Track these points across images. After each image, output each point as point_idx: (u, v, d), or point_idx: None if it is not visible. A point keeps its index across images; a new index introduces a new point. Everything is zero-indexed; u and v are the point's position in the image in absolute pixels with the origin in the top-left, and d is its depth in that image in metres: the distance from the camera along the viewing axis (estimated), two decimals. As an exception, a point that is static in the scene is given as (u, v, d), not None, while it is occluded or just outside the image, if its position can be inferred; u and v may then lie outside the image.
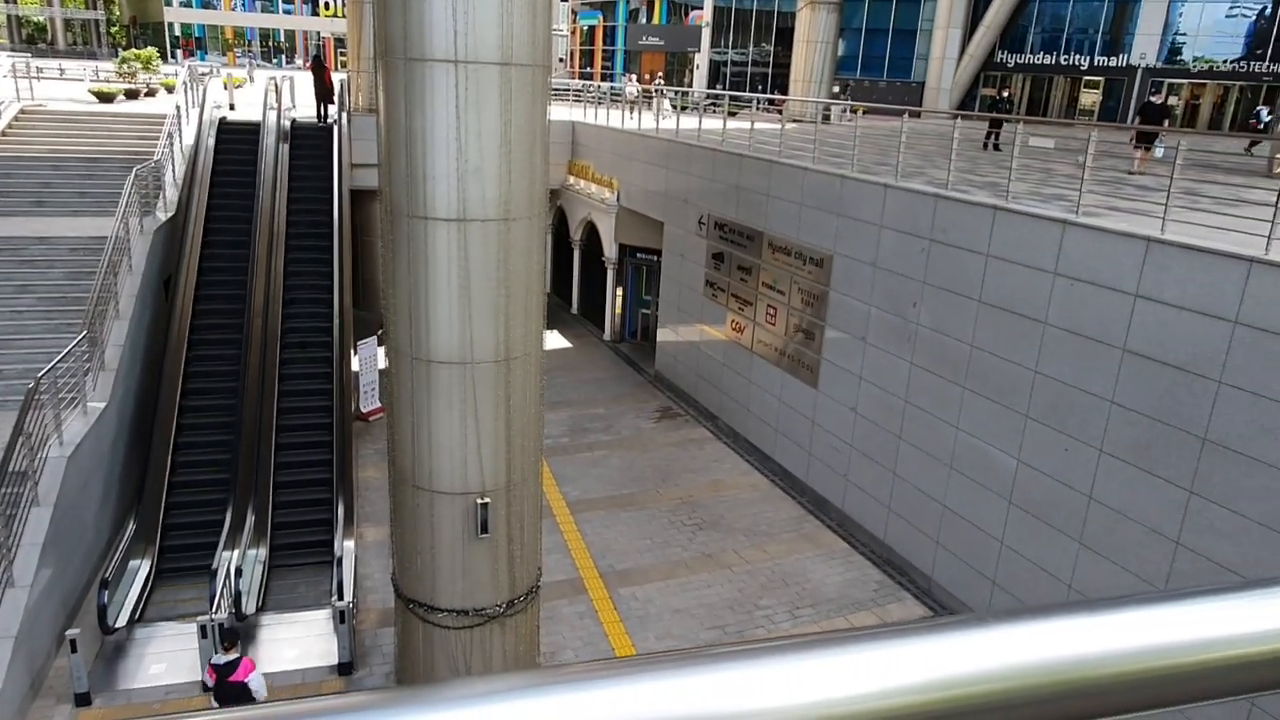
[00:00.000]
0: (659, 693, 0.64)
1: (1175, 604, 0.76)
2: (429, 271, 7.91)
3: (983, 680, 0.69)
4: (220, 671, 8.64)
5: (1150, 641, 0.73)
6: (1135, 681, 0.72)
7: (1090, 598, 0.77)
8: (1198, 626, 0.74)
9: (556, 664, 0.70)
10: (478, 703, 0.62)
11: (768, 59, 47.01)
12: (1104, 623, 0.73)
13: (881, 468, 13.10)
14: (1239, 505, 8.29)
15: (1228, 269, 8.27)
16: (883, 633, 0.71)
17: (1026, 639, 0.72)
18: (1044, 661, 0.71)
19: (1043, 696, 0.70)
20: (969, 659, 0.70)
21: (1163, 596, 0.76)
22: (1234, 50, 32.70)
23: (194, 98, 21.00)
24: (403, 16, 7.37)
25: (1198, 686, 0.75)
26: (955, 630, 0.73)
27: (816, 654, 0.69)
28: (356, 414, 16.92)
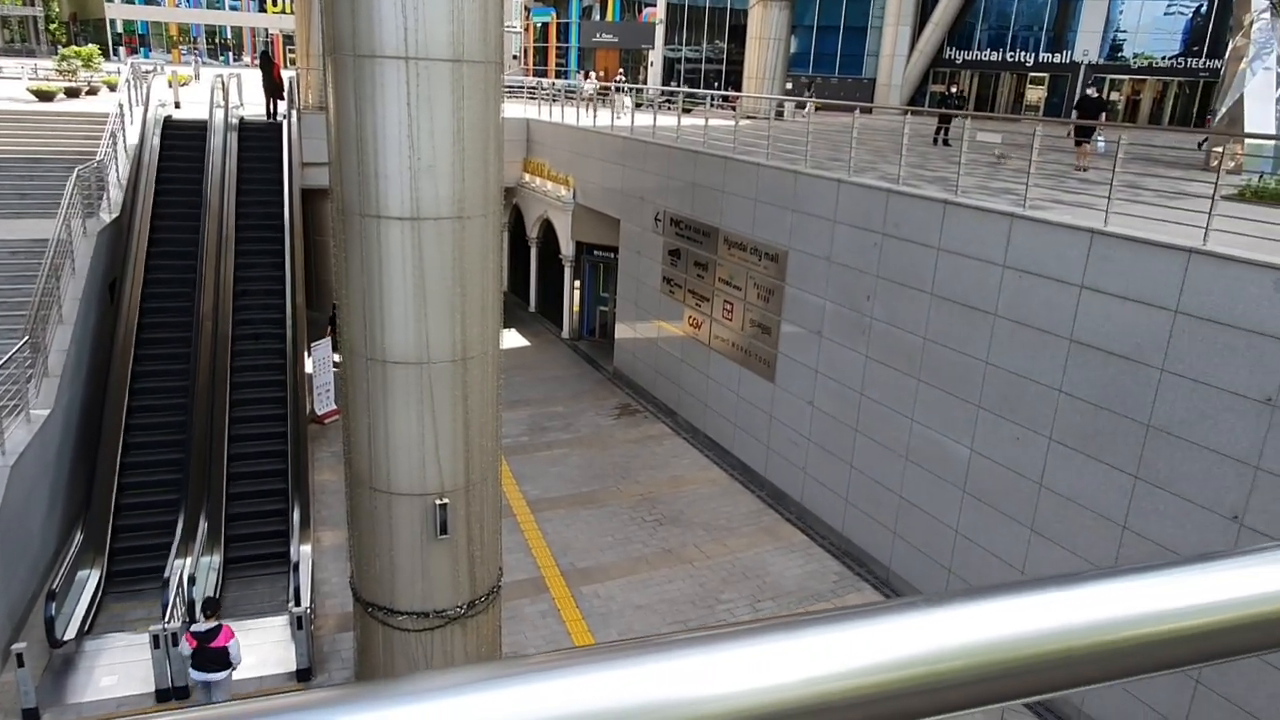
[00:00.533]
0: (617, 681, 0.65)
1: (1110, 581, 0.78)
2: (383, 271, 7.82)
3: (931, 660, 0.71)
4: (201, 638, 9.32)
5: (1091, 618, 0.76)
6: (1077, 657, 0.75)
7: (1032, 577, 0.80)
8: (1135, 602, 0.77)
9: (516, 655, 0.69)
10: (439, 697, 0.62)
11: (721, 56, 47.22)
12: (1044, 600, 0.76)
13: (839, 460, 13.26)
14: (1181, 489, 8.55)
15: (1168, 260, 8.52)
16: (834, 616, 0.73)
17: (970, 619, 0.74)
18: (985, 641, 0.73)
19: (987, 675, 0.72)
20: (917, 640, 0.72)
21: (1099, 574, 0.79)
22: (1172, 47, 33.63)
23: (138, 96, 20.49)
24: (351, 13, 7.27)
25: (1137, 660, 0.77)
26: (902, 612, 0.75)
27: (772, 638, 0.71)
28: (312, 417, 16.67)
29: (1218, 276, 8.11)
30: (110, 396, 13.56)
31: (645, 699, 0.64)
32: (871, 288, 12.23)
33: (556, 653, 0.66)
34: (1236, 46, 15.48)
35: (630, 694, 0.64)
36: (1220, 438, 8.19)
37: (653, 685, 0.65)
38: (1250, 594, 0.76)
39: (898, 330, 11.85)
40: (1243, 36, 15.29)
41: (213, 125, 18.90)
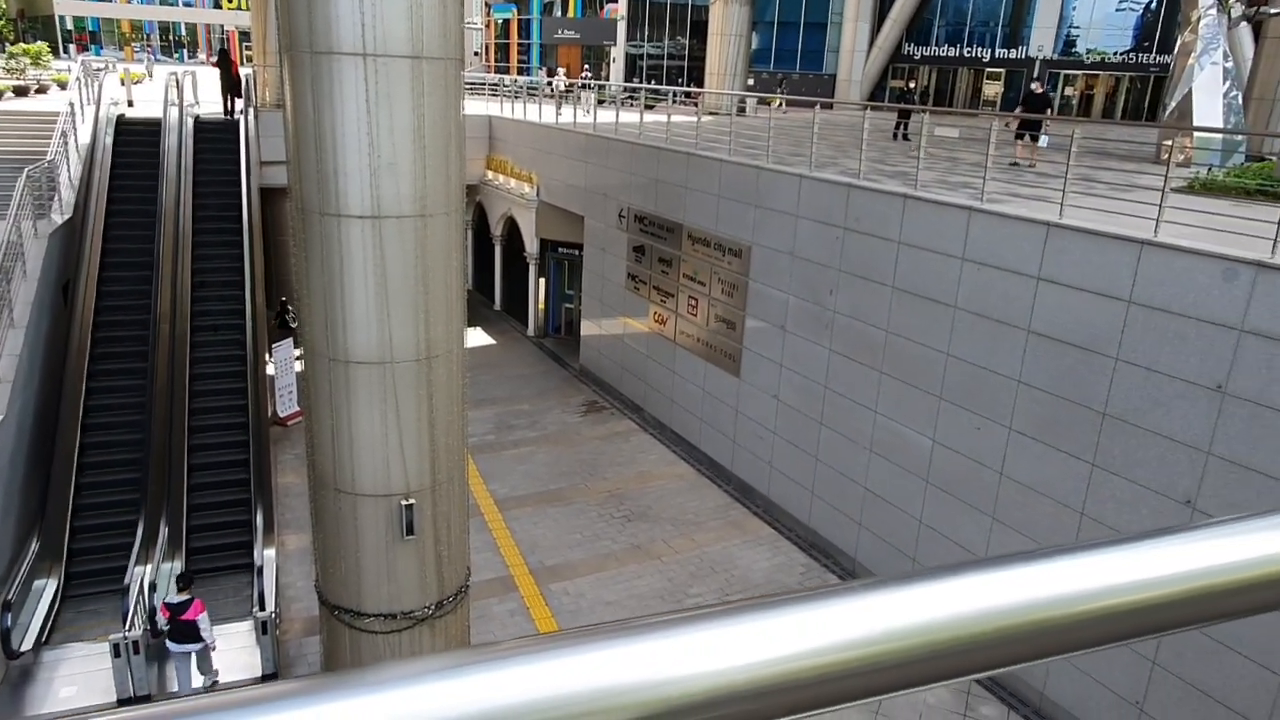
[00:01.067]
0: (579, 666, 0.66)
1: (1054, 559, 0.82)
2: (344, 270, 7.75)
3: (892, 637, 0.73)
4: (173, 610, 9.72)
5: (1039, 594, 0.79)
6: (1027, 633, 0.77)
7: (985, 557, 0.83)
8: (1082, 579, 0.80)
9: (482, 644, 0.69)
10: (407, 685, 0.63)
11: (683, 52, 47.31)
12: (991, 580, 0.79)
13: (804, 453, 13.38)
14: (1136, 475, 8.75)
15: (1121, 251, 8.70)
16: (797, 598, 0.74)
17: (926, 597, 0.76)
18: (941, 619, 0.75)
19: (944, 652, 0.74)
20: (878, 619, 0.74)
21: (1042, 553, 0.82)
22: (1124, 43, 34.30)
23: (89, 94, 20.05)
24: (308, 9, 7.18)
25: (1086, 634, 0.80)
26: (861, 593, 0.77)
27: (727, 621, 0.72)
28: (274, 419, 16.46)
29: (1168, 267, 8.30)
30: (65, 401, 13.27)
31: (611, 682, 0.65)
32: (834, 282, 12.34)
33: (523, 639, 0.67)
34: (1185, 42, 15.84)
35: (595, 678, 0.65)
36: (1173, 424, 8.39)
37: (619, 668, 0.66)
38: (1194, 568, 0.80)
39: (860, 324, 11.98)
40: (1190, 32, 15.65)
41: (167, 124, 18.55)
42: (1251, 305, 7.71)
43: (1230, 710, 8.09)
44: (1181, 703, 8.48)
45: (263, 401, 14.61)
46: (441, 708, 0.61)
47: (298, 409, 16.74)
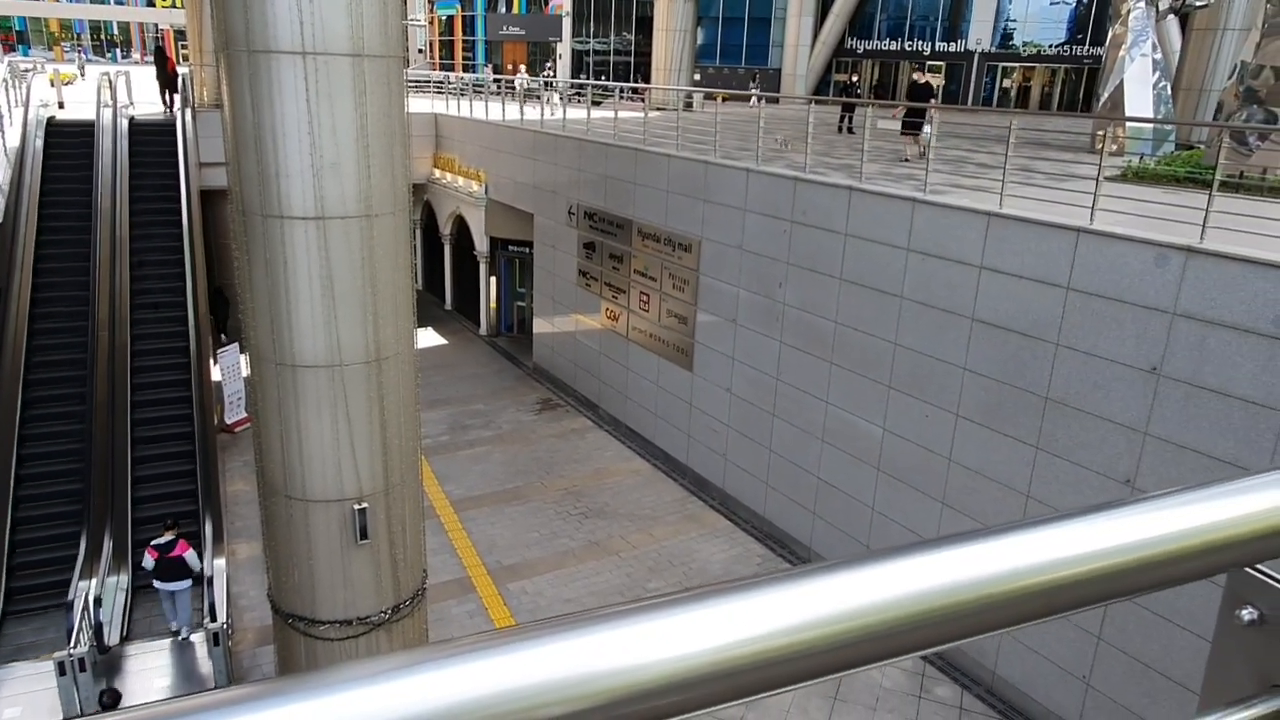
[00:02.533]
0: (540, 657, 0.67)
1: (989, 539, 0.85)
2: (289, 273, 7.62)
3: (838, 619, 0.75)
4: (161, 549, 10.55)
5: (977, 572, 0.82)
6: (968, 610, 0.80)
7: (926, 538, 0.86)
8: (1019, 555, 0.83)
9: (442, 640, 0.68)
10: (365, 685, 0.63)
11: (629, 48, 47.29)
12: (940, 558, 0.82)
13: (758, 445, 13.51)
14: (1079, 457, 9.00)
15: (1059, 239, 8.94)
16: (744, 585, 0.76)
17: (870, 579, 0.79)
18: (892, 598, 0.78)
19: (894, 630, 0.77)
20: (819, 603, 0.76)
21: (985, 532, 0.85)
22: (1059, 35, 35.16)
23: (16, 96, 19.37)
24: (244, 7, 7.04)
25: (1023, 610, 0.83)
26: (805, 577, 0.79)
27: (686, 608, 0.73)
28: (221, 426, 16.12)
29: (1103, 254, 8.55)
30: (1, 412, 12.84)
31: (571, 672, 0.66)
32: (783, 274, 12.47)
33: (483, 634, 0.68)
34: (1116, 34, 16.30)
35: (554, 668, 0.66)
36: (1112, 407, 8.65)
37: (579, 658, 0.67)
38: (1127, 542, 0.84)
39: (810, 315, 12.13)
40: (1121, 25, 16.10)
41: (101, 125, 18.03)
42: (1182, 289, 7.97)
43: (1169, 680, 8.38)
44: (1125, 675, 8.76)
45: (209, 408, 14.30)
46: (403, 705, 0.61)
47: (245, 415, 16.41)
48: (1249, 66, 12.28)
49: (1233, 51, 18.51)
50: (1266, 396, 7.50)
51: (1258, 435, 7.59)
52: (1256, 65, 12.14)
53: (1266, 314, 7.45)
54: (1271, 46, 11.93)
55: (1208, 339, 7.85)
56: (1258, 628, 0.93)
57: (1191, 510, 0.86)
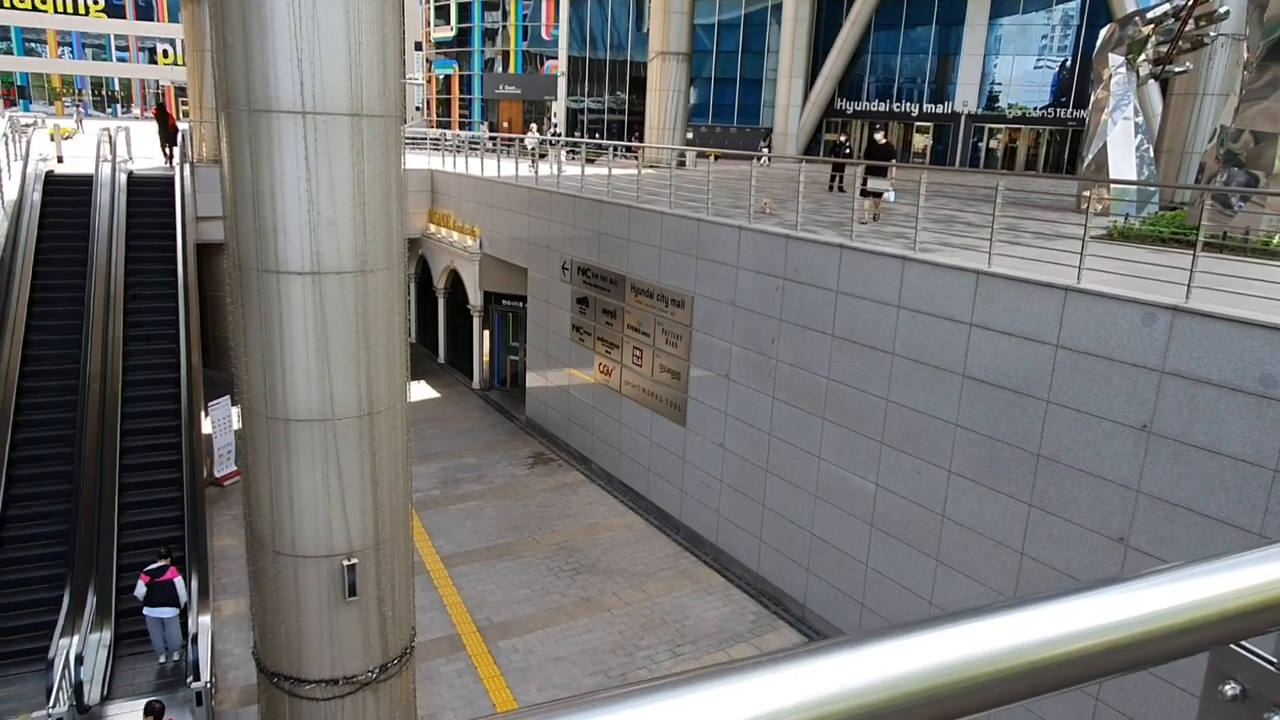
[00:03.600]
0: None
1: (1007, 613, 0.86)
2: (284, 327, 7.65)
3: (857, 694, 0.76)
4: (152, 574, 11.08)
5: (993, 646, 0.83)
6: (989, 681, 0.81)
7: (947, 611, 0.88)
8: (1028, 630, 0.85)
9: None
10: None
11: (623, 106, 48.19)
12: (960, 633, 0.83)
13: (751, 500, 13.45)
14: (1072, 514, 8.98)
15: (1047, 298, 9.04)
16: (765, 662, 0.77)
17: (894, 653, 0.80)
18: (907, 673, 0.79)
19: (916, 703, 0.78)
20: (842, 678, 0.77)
21: (999, 606, 0.86)
22: (1043, 98, 35.98)
23: (16, 150, 19.60)
24: (245, 68, 7.19)
25: (1035, 683, 0.84)
26: (827, 653, 0.80)
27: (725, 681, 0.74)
28: (210, 479, 15.99)
29: (1091, 312, 8.65)
30: (-14, 467, 12.74)
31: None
32: (776, 331, 12.55)
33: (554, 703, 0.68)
34: (1098, 99, 16.70)
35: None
36: (1104, 464, 8.66)
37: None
38: (1138, 615, 0.85)
39: (802, 371, 12.18)
40: (1103, 89, 16.51)
41: (99, 179, 18.21)
42: (1170, 348, 8.05)
43: (1171, 744, 8.25)
44: (1125, 739, 8.62)
45: (198, 461, 14.20)
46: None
47: (235, 469, 16.29)
48: (1229, 130, 12.57)
49: (1213, 115, 18.96)
50: (1256, 454, 7.53)
51: (1249, 493, 7.60)
52: (1236, 129, 12.43)
53: (1253, 373, 7.52)
54: (1250, 111, 12.23)
55: (1196, 397, 7.91)
56: (1240, 702, 0.94)
57: (1172, 590, 0.88)
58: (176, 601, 11.16)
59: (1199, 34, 16.35)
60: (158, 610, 11.11)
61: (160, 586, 11.08)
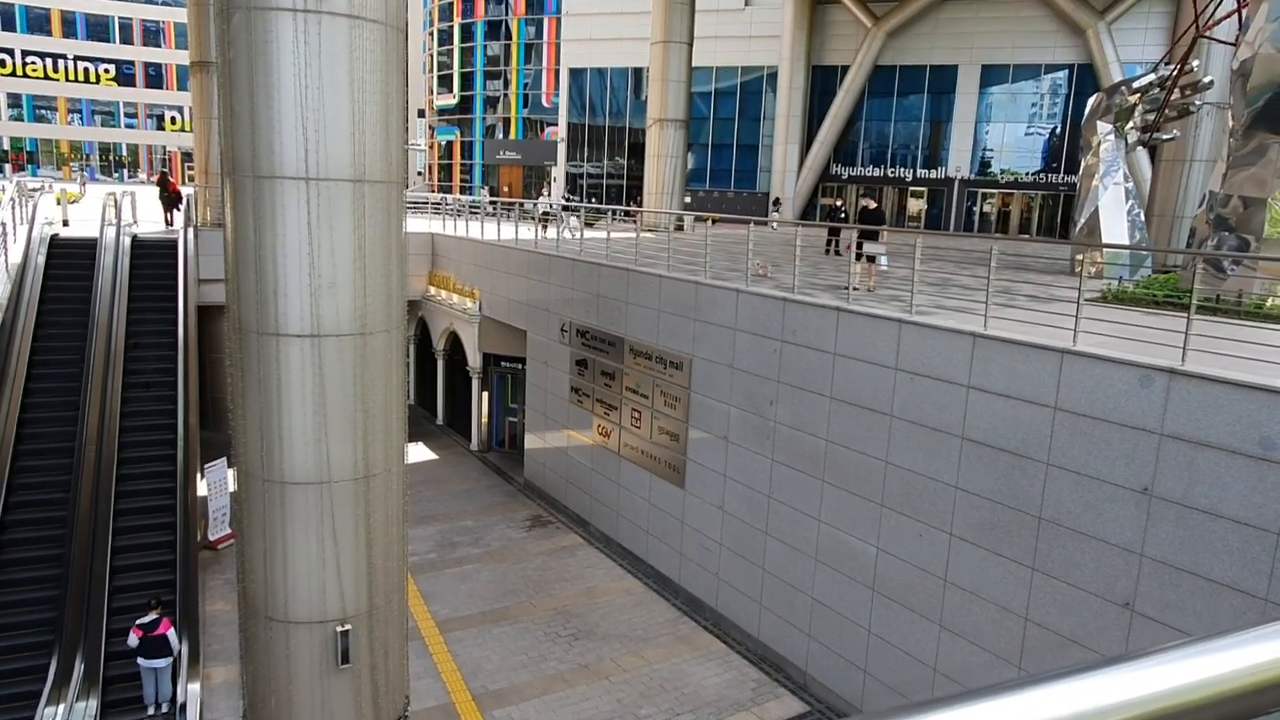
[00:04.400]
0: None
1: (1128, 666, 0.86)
2: (282, 390, 7.66)
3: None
4: (145, 628, 11.17)
5: None
6: None
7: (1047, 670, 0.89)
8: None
9: None
10: None
11: (622, 171, 49.01)
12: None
13: (751, 564, 13.29)
14: (1075, 579, 8.88)
15: (1043, 360, 9.08)
16: None
17: None
18: None
19: None
20: None
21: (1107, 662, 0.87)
22: (1034, 164, 36.68)
23: (22, 214, 19.87)
24: (252, 135, 7.34)
25: None
26: None
27: None
28: (204, 543, 15.80)
29: (1088, 374, 8.67)
30: (-22, 530, 12.61)
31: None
32: (774, 393, 12.56)
33: None
34: (1088, 165, 17.01)
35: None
36: (1106, 527, 8.59)
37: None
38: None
39: (801, 433, 12.15)
40: (1093, 156, 16.83)
41: (103, 243, 18.42)
42: (1168, 410, 8.06)
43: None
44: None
45: (193, 524, 14.07)
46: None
47: (230, 532, 16.12)
48: (1218, 196, 12.78)
49: (1201, 181, 19.30)
50: (1259, 518, 7.48)
51: (1254, 557, 7.53)
52: (1225, 194, 12.64)
53: (1252, 435, 7.51)
54: (1238, 177, 12.45)
55: (1196, 460, 7.88)
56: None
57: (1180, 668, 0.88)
58: (170, 652, 11.37)
59: (1185, 103, 16.75)
60: (152, 661, 11.24)
61: (154, 640, 11.21)
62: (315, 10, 7.18)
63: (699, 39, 30.85)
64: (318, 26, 7.22)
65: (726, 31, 40.53)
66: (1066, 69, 35.11)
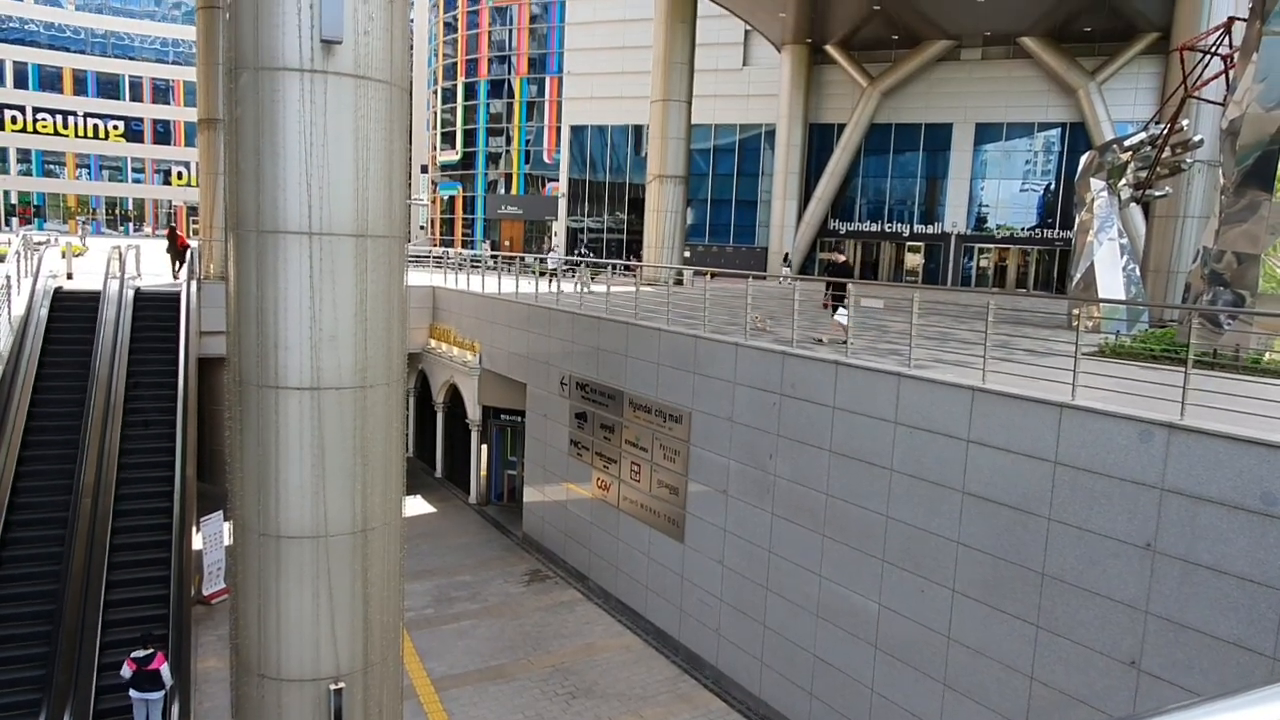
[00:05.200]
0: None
1: None
2: (280, 442, 7.65)
3: None
4: (139, 662, 11.37)
5: None
6: None
7: None
8: None
9: None
10: None
11: (622, 226, 49.54)
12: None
13: (751, 620, 13.11)
14: (1080, 636, 8.75)
15: (1043, 414, 9.08)
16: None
17: None
18: None
19: None
20: None
21: None
22: (1029, 219, 37.13)
23: (27, 267, 20.04)
24: (256, 191, 7.45)
25: None
26: None
27: None
28: (198, 598, 15.61)
29: (1088, 428, 8.67)
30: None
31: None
32: (773, 446, 12.53)
33: None
34: (1082, 220, 17.22)
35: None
36: (1110, 584, 8.50)
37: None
38: None
39: (801, 487, 12.09)
40: (1087, 212, 17.04)
41: (106, 295, 18.54)
42: (1169, 465, 8.04)
43: None
44: None
45: (187, 579, 13.91)
46: None
47: (224, 586, 15.93)
48: (1212, 251, 12.92)
49: (1194, 236, 19.51)
50: (1263, 574, 7.40)
51: (1260, 614, 7.44)
52: (1218, 250, 12.77)
53: (1253, 490, 7.48)
54: (1231, 233, 12.60)
55: (1198, 515, 7.84)
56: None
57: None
58: (163, 685, 11.48)
59: (1176, 161, 17.01)
60: (145, 694, 11.39)
61: (147, 675, 11.37)
62: (322, 70, 7.34)
63: (698, 97, 31.45)
64: (324, 86, 7.38)
65: (725, 90, 41.34)
66: (1059, 127, 35.73)
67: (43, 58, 69.30)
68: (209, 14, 22.09)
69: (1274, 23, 12.07)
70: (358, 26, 7.40)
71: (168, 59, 73.50)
